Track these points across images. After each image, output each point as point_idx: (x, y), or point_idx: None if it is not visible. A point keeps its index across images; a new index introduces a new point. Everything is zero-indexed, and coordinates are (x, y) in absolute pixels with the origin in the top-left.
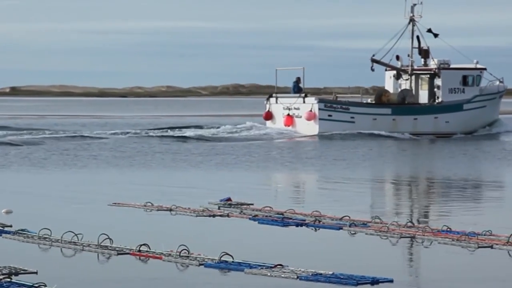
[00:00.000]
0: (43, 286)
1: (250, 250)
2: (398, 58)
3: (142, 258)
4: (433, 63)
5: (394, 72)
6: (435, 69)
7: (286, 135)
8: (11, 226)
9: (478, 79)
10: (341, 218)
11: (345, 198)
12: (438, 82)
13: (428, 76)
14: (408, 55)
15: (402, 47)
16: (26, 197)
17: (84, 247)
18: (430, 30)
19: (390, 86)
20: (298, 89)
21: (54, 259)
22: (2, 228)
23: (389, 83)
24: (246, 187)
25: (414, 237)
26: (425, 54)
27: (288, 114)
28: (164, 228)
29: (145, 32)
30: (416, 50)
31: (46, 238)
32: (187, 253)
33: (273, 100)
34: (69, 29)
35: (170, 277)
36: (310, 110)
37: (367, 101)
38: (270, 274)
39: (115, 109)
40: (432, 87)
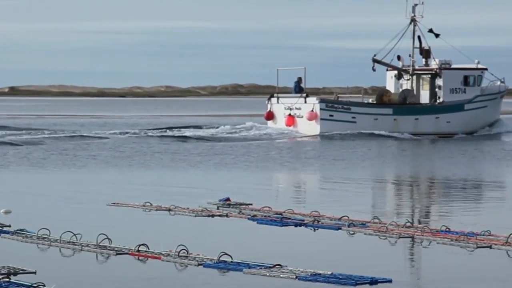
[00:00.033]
0: (42, 286)
1: (249, 250)
2: (399, 58)
3: (141, 258)
4: (434, 63)
5: (395, 72)
6: (436, 69)
7: (286, 135)
8: (10, 226)
9: (479, 79)
10: (340, 218)
11: (344, 198)
12: (439, 82)
13: (429, 76)
14: (409, 55)
15: (403, 47)
16: (25, 197)
17: (83, 247)
18: (431, 30)
19: (391, 86)
20: (299, 89)
21: (53, 259)
22: (1, 228)
23: (390, 83)
24: (245, 187)
25: (413, 237)
26: (426, 54)
27: (289, 114)
28: (163, 228)
29: (144, 32)
30: (417, 50)
31: (45, 238)
32: (186, 253)
33: (274, 100)
34: (68, 29)
35: (169, 277)
36: (312, 110)
37: (368, 101)
38: (269, 274)
39: (114, 109)
40: (433, 87)
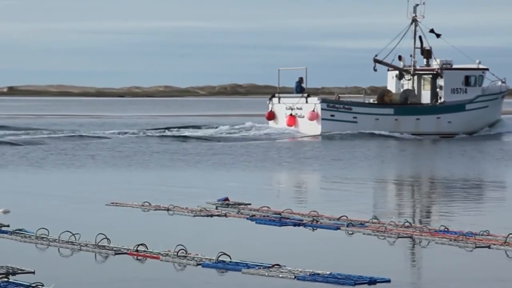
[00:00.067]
0: (41, 286)
1: (248, 250)
2: (400, 58)
3: (139, 258)
4: (435, 63)
5: (396, 72)
6: (438, 69)
7: (286, 135)
8: (9, 226)
9: (480, 79)
10: (338, 218)
11: (343, 198)
12: (440, 82)
13: (430, 76)
14: (410, 55)
15: (405, 47)
16: (23, 197)
17: (81, 247)
18: (432, 31)
19: (392, 86)
20: (300, 89)
21: (51, 259)
22: None
23: (391, 83)
24: (244, 187)
25: (411, 237)
26: (427, 54)
27: (290, 114)
28: (161, 228)
29: (142, 32)
30: (418, 50)
31: (44, 238)
32: (185, 253)
33: (275, 100)
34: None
35: (167, 277)
36: (313, 110)
37: (370, 101)
38: (267, 274)
39: (113, 109)
40: (434, 87)
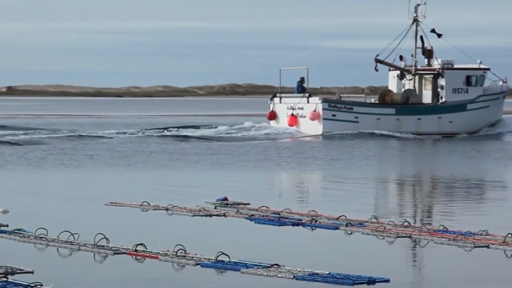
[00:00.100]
0: (40, 286)
1: (247, 250)
2: (401, 58)
3: (138, 257)
4: (436, 63)
5: (397, 72)
6: (439, 69)
7: (286, 135)
8: (8, 225)
9: (481, 79)
10: (337, 218)
11: (342, 198)
12: (441, 82)
13: (431, 76)
14: (411, 55)
15: (406, 47)
16: (22, 196)
17: (80, 247)
18: (433, 30)
19: (393, 86)
20: (302, 89)
21: (50, 259)
22: None
23: (392, 83)
24: (243, 187)
25: (410, 237)
26: (428, 54)
27: (292, 114)
28: (160, 227)
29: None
30: (419, 50)
31: (43, 237)
32: (184, 252)
33: (277, 100)
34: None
35: (166, 277)
36: (314, 110)
37: (371, 101)
38: (266, 274)
39: (112, 108)
40: (435, 87)
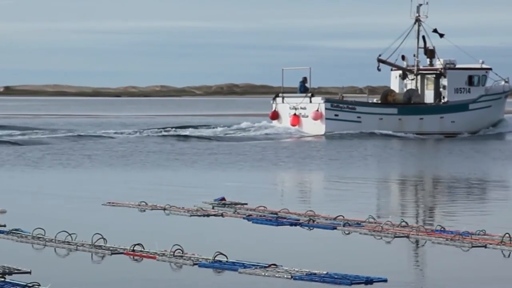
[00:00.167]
0: (37, 286)
1: (244, 250)
2: (403, 58)
3: (136, 258)
4: (438, 63)
5: (400, 72)
6: (441, 69)
7: (285, 135)
8: (5, 225)
9: (483, 79)
10: (335, 218)
11: (339, 198)
12: (444, 82)
13: (433, 76)
14: (413, 55)
15: (408, 47)
16: (20, 196)
17: (78, 247)
18: (435, 30)
19: (395, 86)
20: (304, 89)
21: (48, 259)
22: None
23: (394, 83)
24: (241, 187)
25: (408, 236)
26: (430, 54)
27: (294, 114)
28: (158, 227)
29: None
30: (421, 50)
31: (40, 237)
32: (181, 252)
33: (279, 99)
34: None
35: (164, 277)
36: (317, 110)
37: (373, 101)
38: (264, 274)
39: (110, 108)
40: (438, 87)
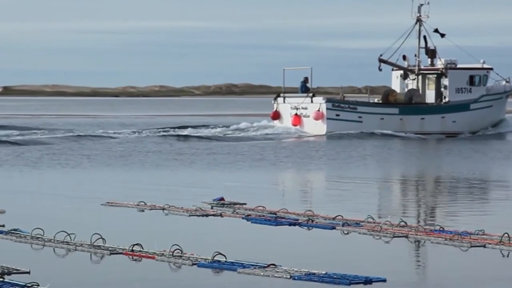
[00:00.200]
0: (36, 286)
1: (243, 250)
2: (404, 58)
3: (135, 258)
4: (440, 63)
5: (401, 72)
6: (442, 69)
7: (283, 135)
8: (4, 226)
9: (484, 79)
10: (334, 218)
11: (338, 198)
12: (445, 82)
13: (435, 76)
14: (415, 55)
15: (409, 47)
16: (19, 196)
17: (76, 247)
18: (437, 30)
19: (397, 86)
20: (305, 89)
21: (46, 259)
22: None
23: (396, 83)
24: (239, 187)
25: (407, 236)
26: (432, 54)
27: (295, 114)
28: (157, 227)
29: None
30: (423, 50)
31: (39, 238)
32: (180, 252)
33: (280, 99)
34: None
35: (163, 277)
36: (318, 110)
37: (374, 100)
38: (263, 274)
39: (109, 108)
40: (439, 87)
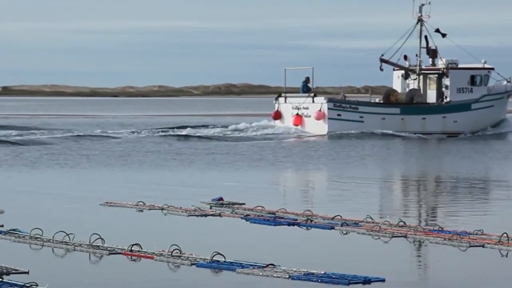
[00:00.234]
0: (35, 286)
1: (242, 250)
2: (406, 58)
3: (133, 258)
4: (441, 63)
5: (402, 71)
6: (443, 69)
7: (283, 135)
8: (3, 226)
9: (486, 79)
10: (333, 218)
11: (337, 198)
12: (446, 81)
13: (436, 76)
14: (416, 55)
15: (410, 47)
16: (17, 196)
17: (75, 247)
18: (438, 30)
19: (398, 85)
20: (307, 88)
21: (45, 259)
22: None
23: (397, 83)
24: (238, 187)
25: (406, 236)
26: (433, 54)
27: (297, 114)
28: (156, 227)
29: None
30: (424, 50)
31: (38, 238)
32: (179, 252)
33: (282, 99)
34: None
35: (162, 277)
36: (319, 110)
37: (376, 100)
38: (262, 274)
39: (108, 108)
40: (440, 87)
